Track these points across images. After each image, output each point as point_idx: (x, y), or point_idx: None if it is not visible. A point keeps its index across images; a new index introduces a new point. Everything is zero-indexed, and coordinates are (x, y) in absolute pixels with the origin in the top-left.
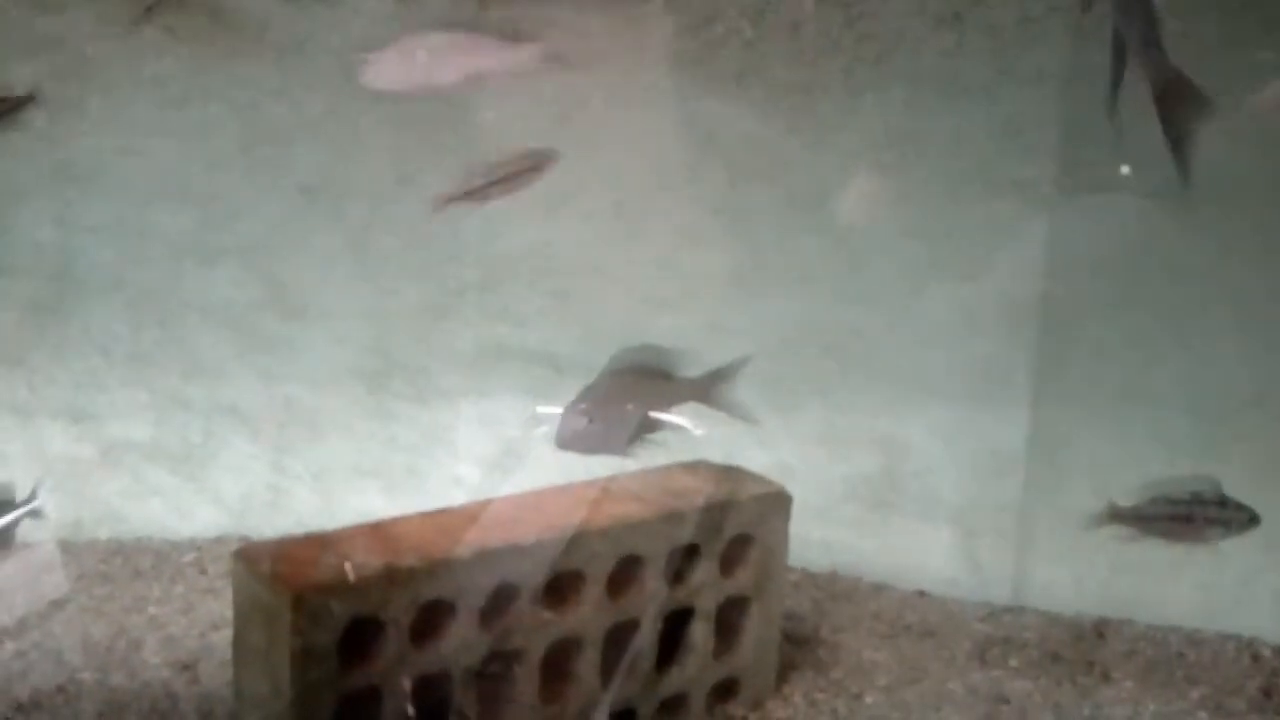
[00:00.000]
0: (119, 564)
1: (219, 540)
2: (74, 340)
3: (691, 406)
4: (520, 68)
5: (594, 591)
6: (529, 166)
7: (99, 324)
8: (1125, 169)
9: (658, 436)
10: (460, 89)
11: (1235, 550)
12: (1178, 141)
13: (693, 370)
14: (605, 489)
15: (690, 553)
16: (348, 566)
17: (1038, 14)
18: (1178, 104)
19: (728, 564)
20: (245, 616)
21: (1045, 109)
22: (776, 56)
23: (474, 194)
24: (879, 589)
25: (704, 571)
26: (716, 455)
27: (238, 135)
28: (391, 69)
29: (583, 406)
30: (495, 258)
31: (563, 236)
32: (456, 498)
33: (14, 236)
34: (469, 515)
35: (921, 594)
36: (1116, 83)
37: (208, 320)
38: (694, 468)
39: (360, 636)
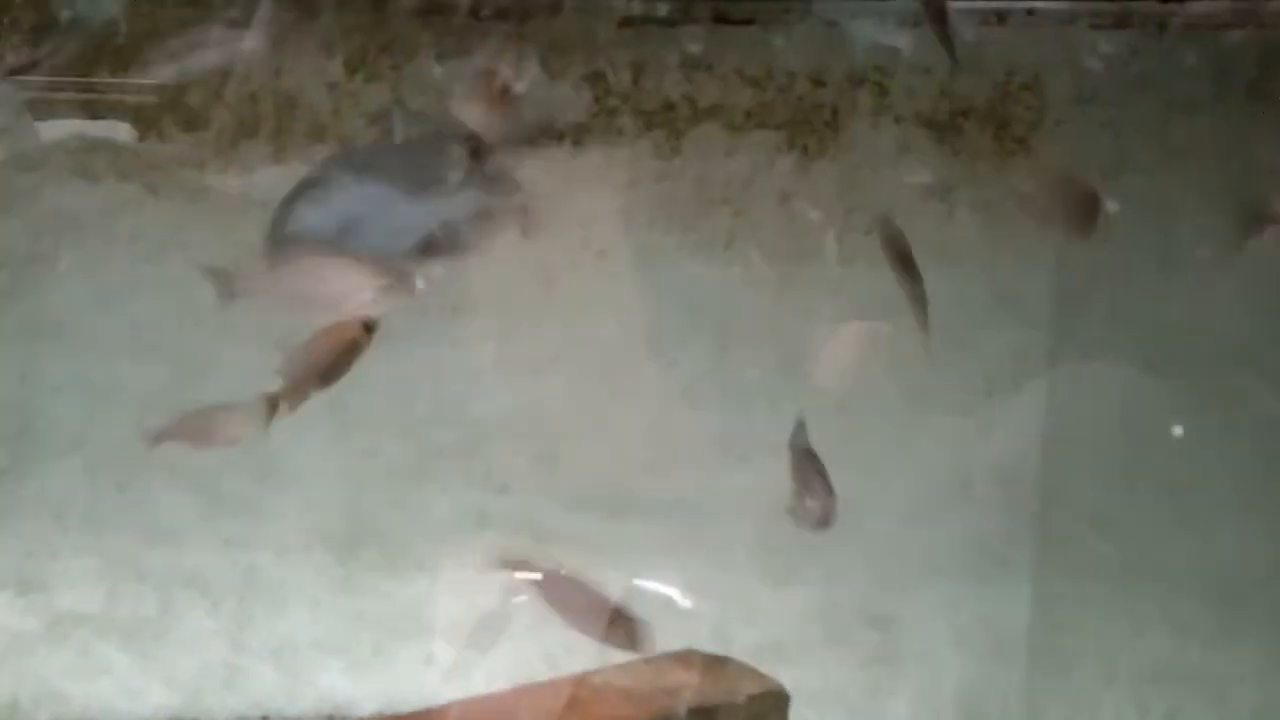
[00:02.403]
0: None
1: None
2: (27, 503)
3: (675, 575)
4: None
5: None
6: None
7: (55, 486)
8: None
9: (643, 611)
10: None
11: None
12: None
13: None
14: (591, 687)
15: None
16: None
17: (1029, 190)
18: None
19: None
20: None
21: (1038, 280)
22: (766, 224)
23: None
24: None
25: None
26: (704, 629)
27: (213, 293)
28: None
29: None
30: (478, 418)
31: (548, 398)
32: (427, 679)
33: None
34: None
35: None
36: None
37: (172, 482)
38: (686, 658)
39: None
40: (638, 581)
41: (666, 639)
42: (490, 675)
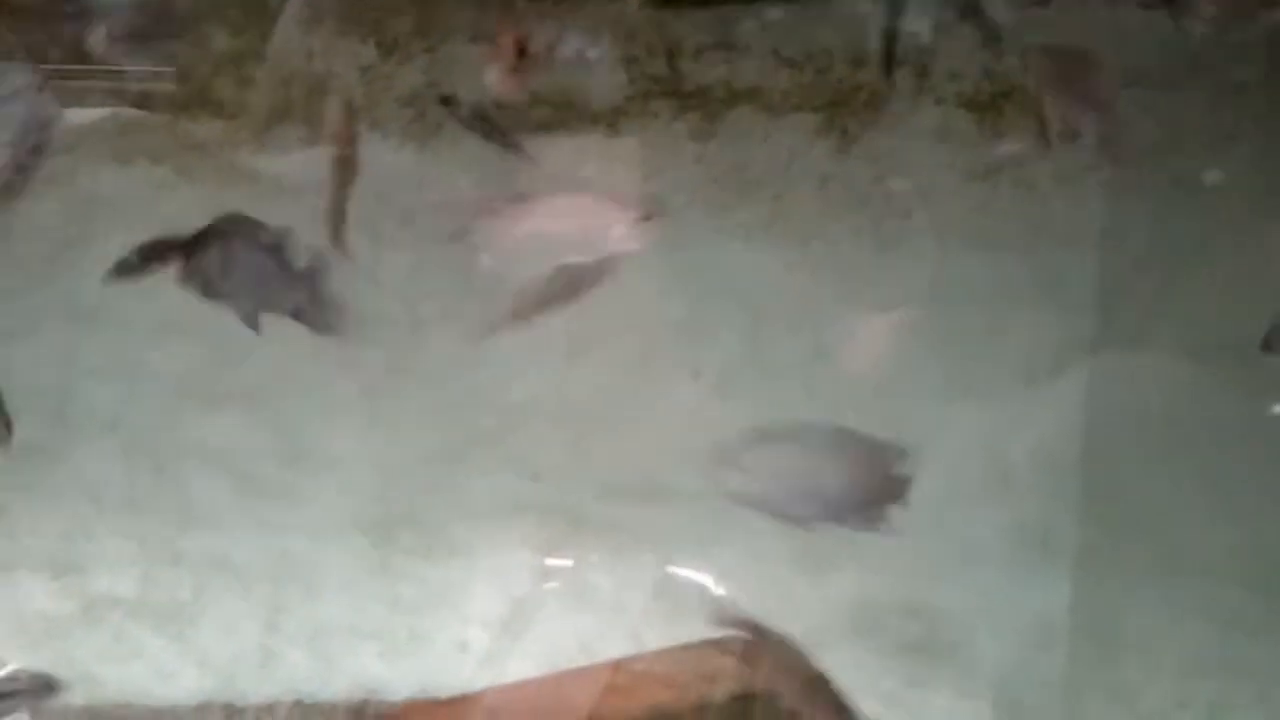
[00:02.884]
0: None
1: (201, 708)
2: (64, 486)
3: (710, 563)
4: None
5: None
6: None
7: (91, 469)
8: None
9: (677, 599)
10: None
11: None
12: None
13: None
14: (630, 672)
15: None
16: None
17: (1072, 173)
18: None
19: None
20: None
21: (1082, 265)
22: (804, 207)
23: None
24: None
25: None
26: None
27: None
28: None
29: None
30: (512, 404)
31: (583, 383)
32: (462, 664)
33: (13, 379)
34: (484, 706)
35: None
36: None
37: (206, 466)
38: (726, 644)
39: None
40: (671, 569)
41: (704, 627)
42: (525, 661)
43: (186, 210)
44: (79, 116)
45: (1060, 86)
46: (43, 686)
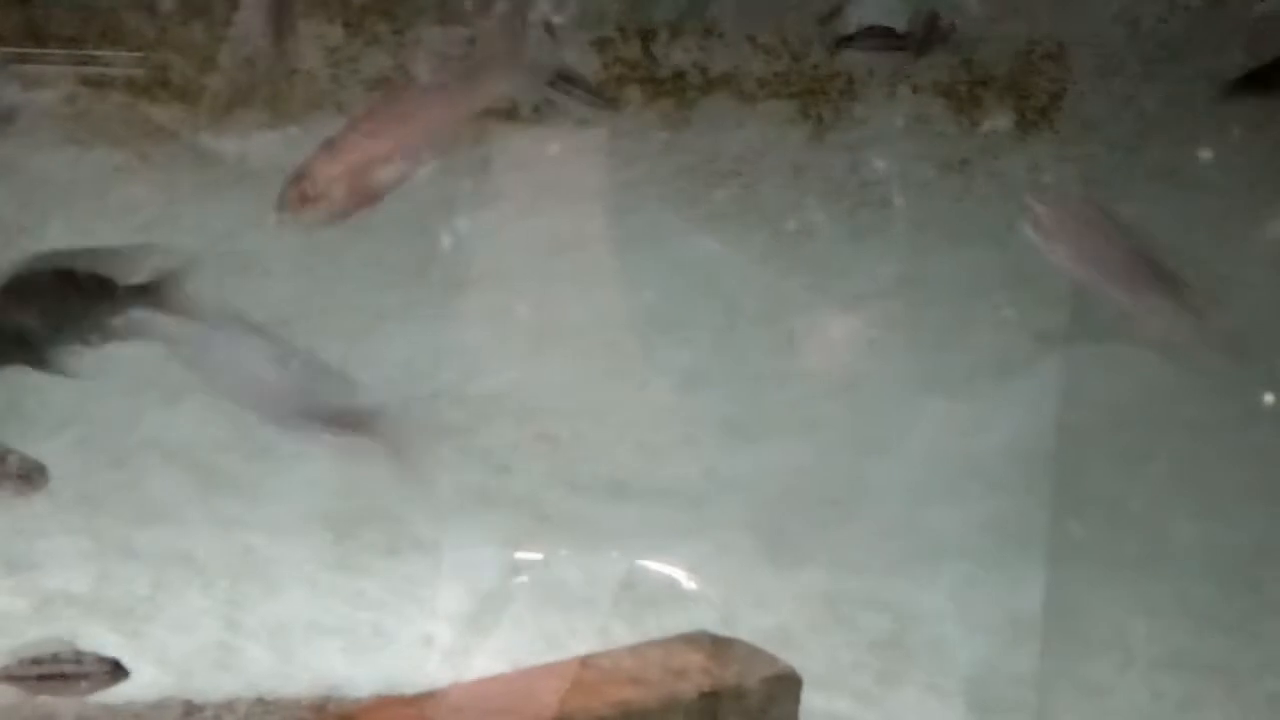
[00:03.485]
0: None
1: (160, 705)
2: None
3: (680, 557)
4: None
5: None
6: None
7: (46, 464)
8: None
9: (646, 593)
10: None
11: None
12: None
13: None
14: (599, 668)
15: None
16: None
17: (1046, 163)
18: None
19: None
20: None
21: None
22: (777, 198)
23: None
24: None
25: None
26: (711, 613)
27: (209, 265)
28: None
29: None
30: (478, 397)
31: (552, 377)
32: (426, 660)
33: None
34: (450, 703)
35: None
36: None
37: (165, 461)
38: (695, 640)
39: None
40: (641, 562)
41: (673, 622)
42: (492, 657)
43: (144, 196)
44: (36, 99)
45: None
46: (112, 669)
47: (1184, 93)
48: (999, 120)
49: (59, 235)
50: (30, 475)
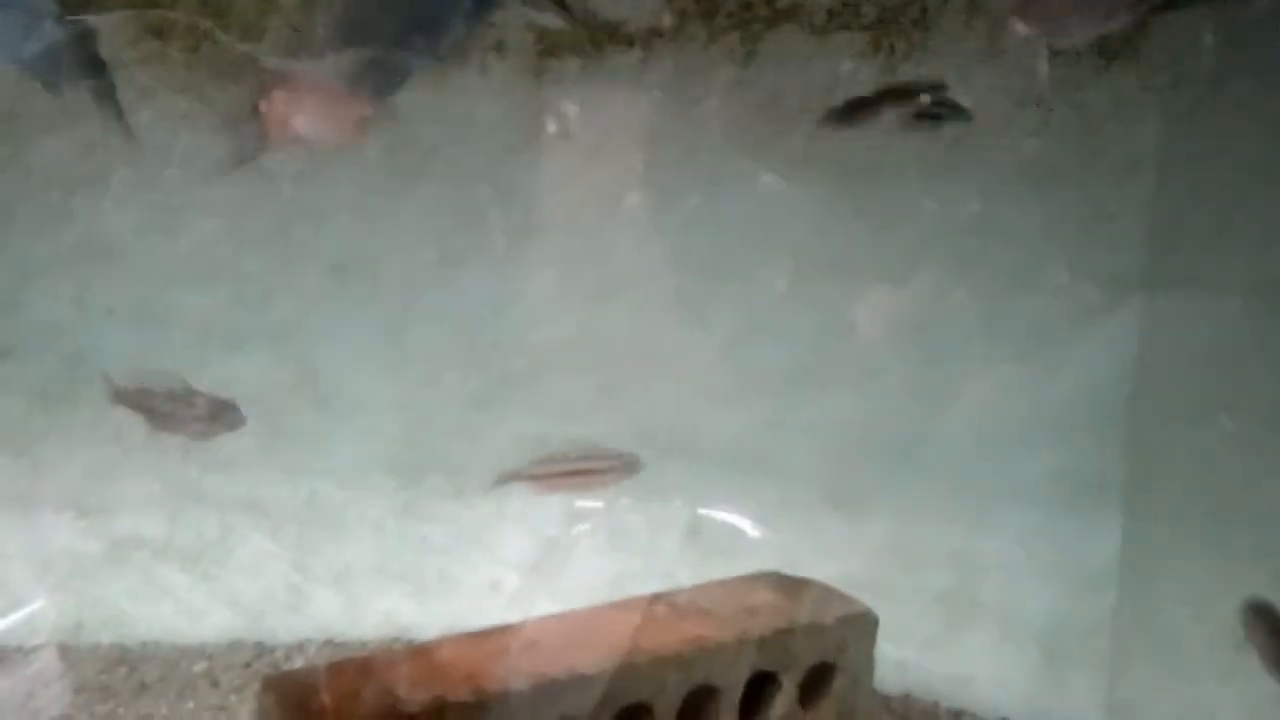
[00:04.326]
0: (123, 675)
1: (232, 646)
2: (85, 428)
3: (744, 506)
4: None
5: None
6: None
7: (113, 411)
8: None
9: (710, 541)
10: None
11: None
12: None
13: None
14: (671, 605)
15: (766, 681)
16: None
17: (1130, 94)
18: None
19: (808, 695)
20: None
21: (1138, 196)
22: (843, 139)
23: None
24: (958, 716)
25: (782, 704)
26: (775, 563)
27: (272, 212)
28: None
29: None
30: (541, 346)
31: (614, 325)
32: (493, 604)
33: (26, 317)
34: (523, 638)
35: None
36: None
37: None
38: (767, 580)
39: None
40: (703, 510)
41: (738, 569)
42: (556, 602)
43: (209, 143)
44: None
45: None
46: (631, 459)
47: (1275, 21)
48: (1079, 49)
49: (122, 184)
50: (220, 414)
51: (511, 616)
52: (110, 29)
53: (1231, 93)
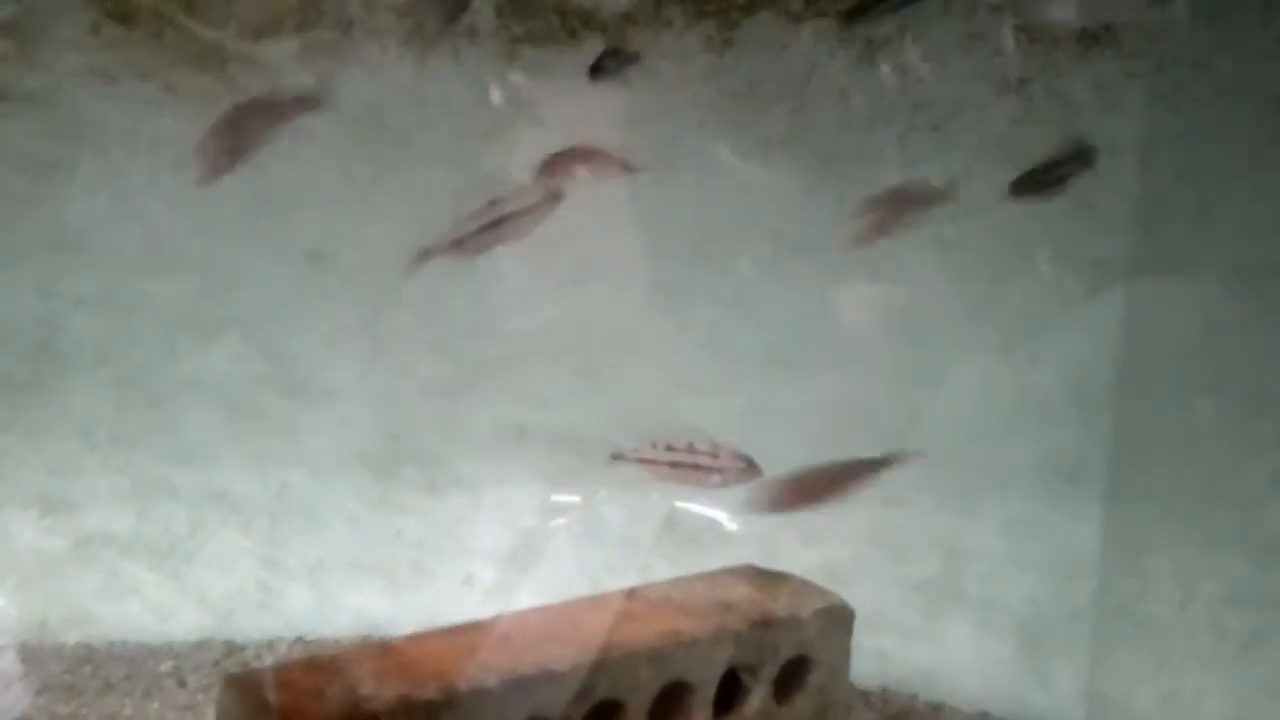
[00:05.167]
0: (87, 674)
1: (200, 645)
2: (52, 421)
3: (722, 496)
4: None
5: None
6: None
7: (81, 403)
8: None
9: (688, 533)
10: None
11: None
12: None
13: None
14: (646, 600)
15: (742, 676)
16: None
17: (1111, 80)
18: None
19: (784, 689)
20: None
21: (1120, 182)
22: (825, 122)
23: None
24: (937, 709)
25: (758, 699)
26: (755, 553)
27: (242, 199)
28: None
29: None
30: (518, 333)
31: (592, 310)
32: (467, 600)
33: None
34: (494, 634)
35: (985, 716)
36: None
37: (202, 399)
38: (742, 573)
39: None
40: (680, 504)
41: (716, 561)
42: (532, 596)
43: (175, 130)
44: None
45: None
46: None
47: (1258, 7)
48: (1058, 35)
49: (89, 172)
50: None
51: (487, 611)
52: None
53: (1216, 75)
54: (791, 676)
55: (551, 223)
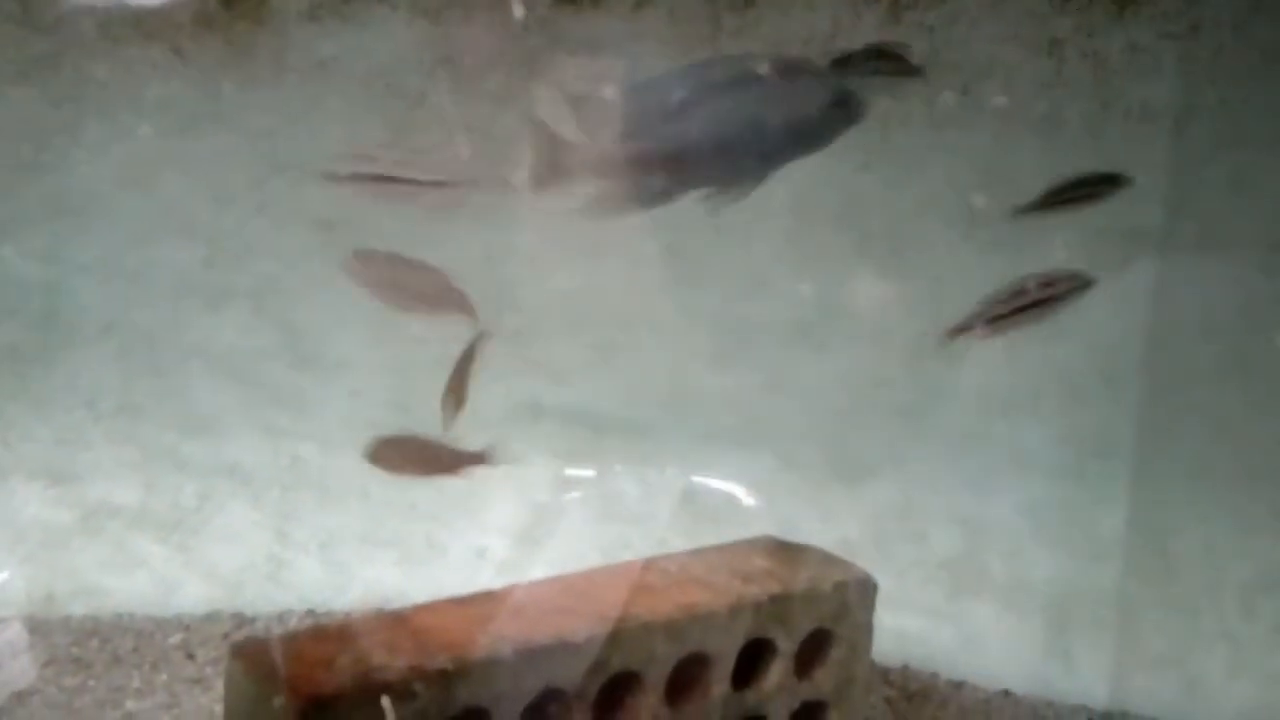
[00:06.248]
0: (95, 646)
1: (209, 618)
2: (58, 391)
3: (740, 471)
4: None
5: (650, 699)
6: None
7: (87, 373)
8: None
9: (705, 508)
10: None
11: None
12: None
13: None
14: (664, 570)
15: (761, 650)
16: (385, 703)
17: (1146, 42)
18: None
19: (805, 663)
20: None
21: (1153, 149)
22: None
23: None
24: (958, 687)
25: (777, 673)
26: (773, 529)
27: (250, 166)
28: None
29: None
30: (532, 305)
31: (608, 283)
32: (481, 573)
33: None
34: (508, 604)
35: (1007, 694)
36: None
37: (210, 369)
38: (762, 545)
39: None
40: (696, 478)
41: (733, 537)
42: (546, 569)
43: (181, 93)
44: None
45: None
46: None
47: None
48: None
49: (95, 137)
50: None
51: (500, 585)
52: None
53: (1256, 39)
54: (813, 650)
55: (570, 192)
